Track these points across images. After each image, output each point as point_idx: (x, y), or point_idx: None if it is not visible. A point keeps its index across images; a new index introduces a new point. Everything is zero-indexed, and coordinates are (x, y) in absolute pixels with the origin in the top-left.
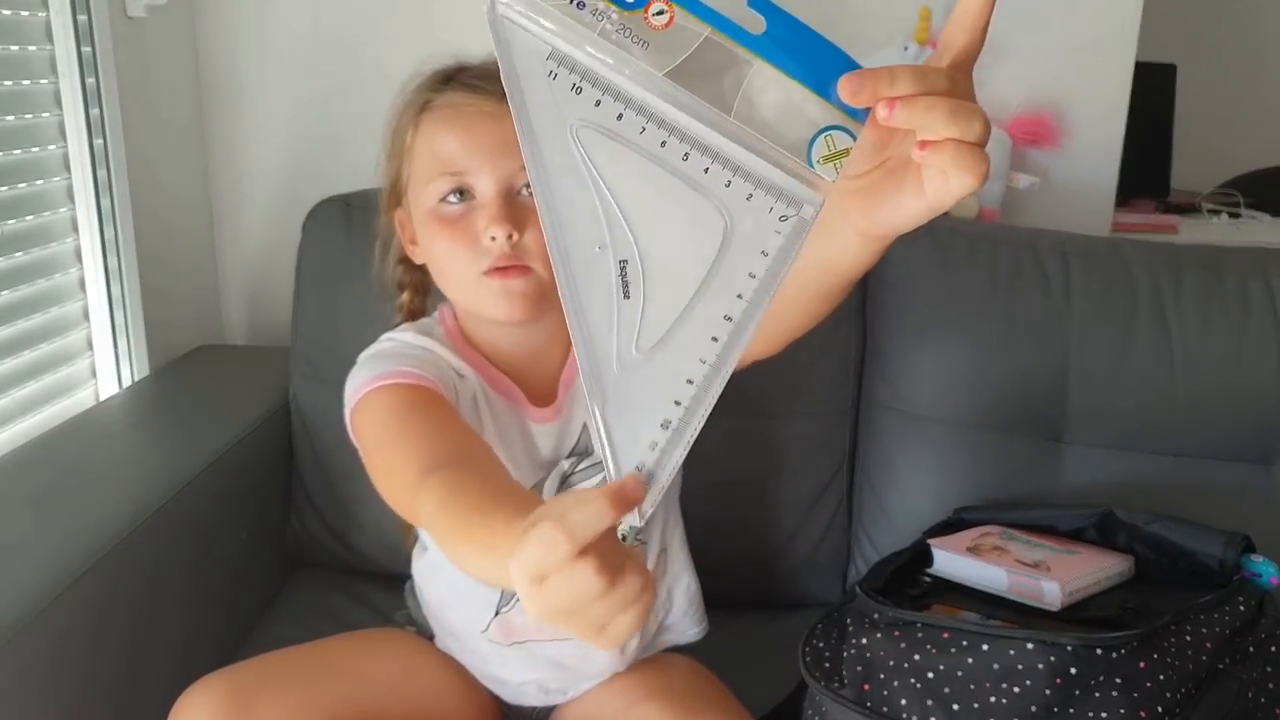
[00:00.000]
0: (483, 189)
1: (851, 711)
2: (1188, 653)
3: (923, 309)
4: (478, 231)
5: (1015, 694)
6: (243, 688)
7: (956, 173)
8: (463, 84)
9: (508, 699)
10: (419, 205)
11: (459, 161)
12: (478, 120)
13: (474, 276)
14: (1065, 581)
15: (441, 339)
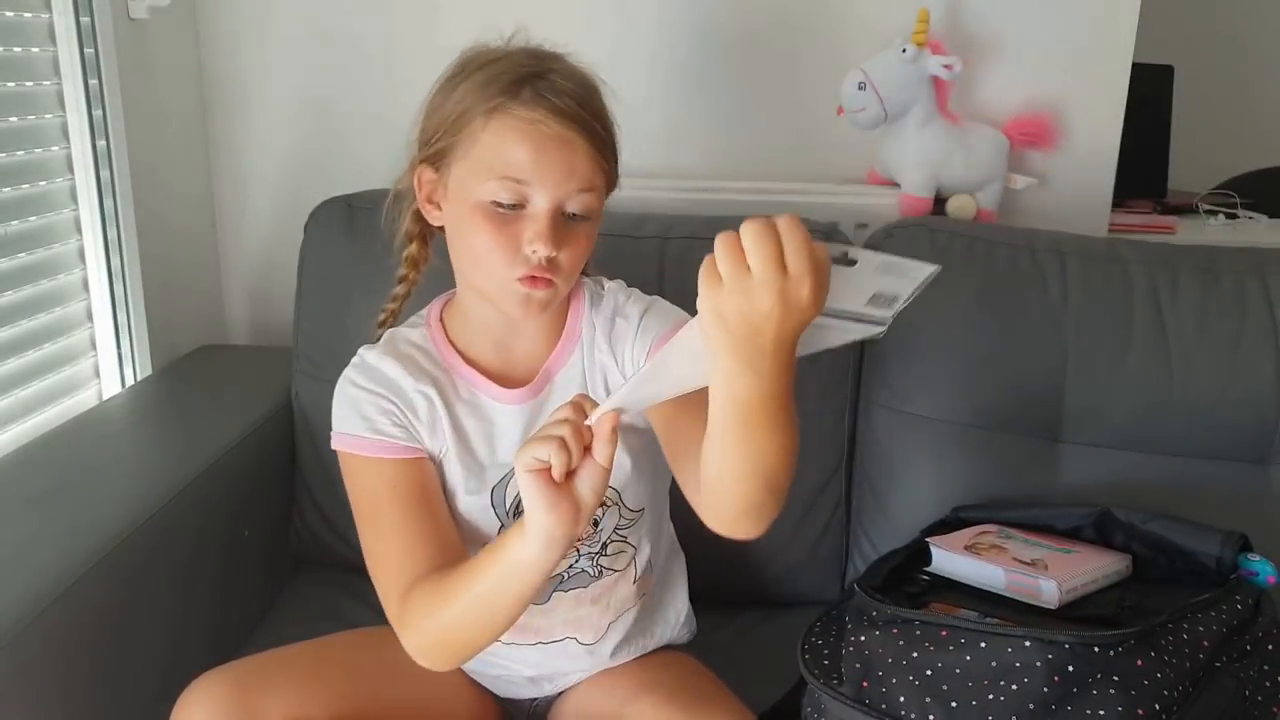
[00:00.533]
0: (537, 203)
1: (850, 709)
2: (1185, 651)
3: (920, 309)
4: (521, 240)
5: (1013, 691)
6: (245, 683)
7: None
8: (541, 95)
9: (498, 692)
10: (467, 190)
11: (524, 173)
12: (552, 142)
13: (505, 276)
14: (1063, 580)
15: (422, 340)
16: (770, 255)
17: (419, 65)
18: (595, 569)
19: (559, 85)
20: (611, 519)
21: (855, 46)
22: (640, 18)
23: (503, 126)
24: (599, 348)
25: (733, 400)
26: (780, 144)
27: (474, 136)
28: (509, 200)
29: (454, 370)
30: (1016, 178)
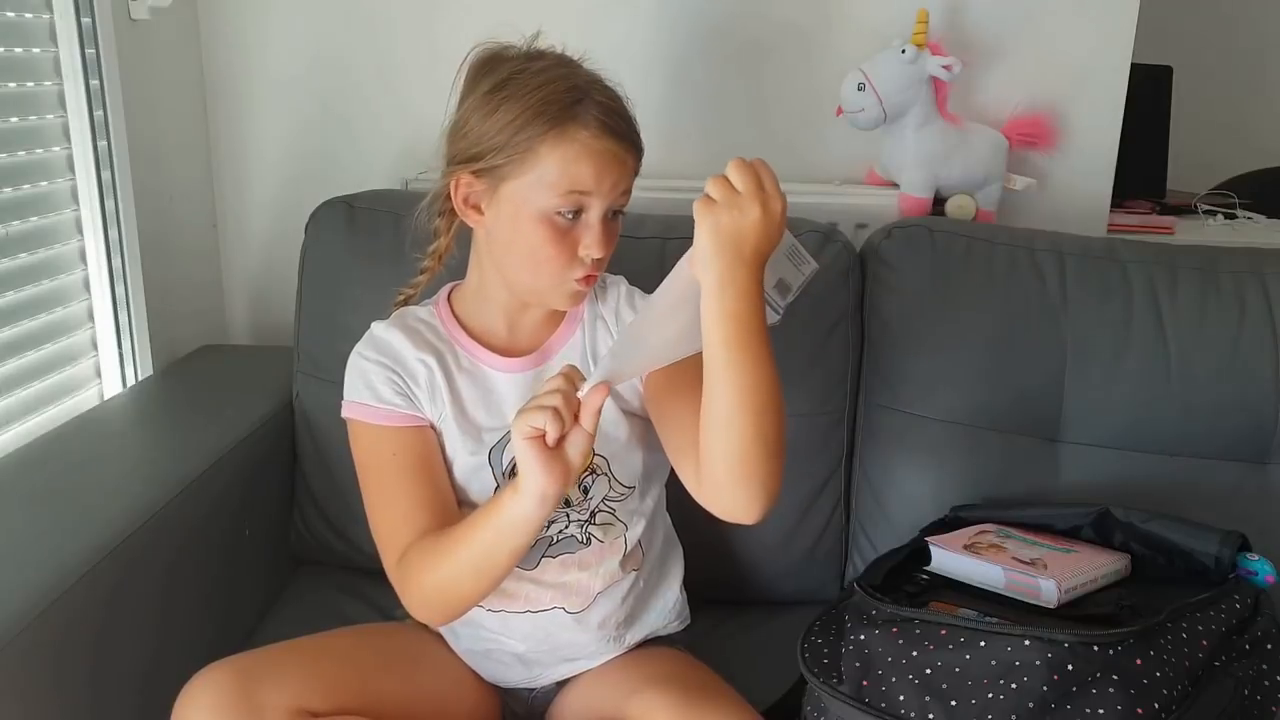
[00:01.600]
0: (592, 213)
1: (850, 707)
2: (1184, 650)
3: (920, 309)
4: (577, 244)
5: (1013, 690)
6: (248, 675)
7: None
8: (597, 118)
9: (491, 677)
10: (525, 201)
11: (587, 187)
12: (611, 159)
13: (564, 278)
14: (1062, 579)
15: (429, 316)
16: (752, 177)
17: (419, 66)
18: (584, 535)
19: (608, 105)
20: (601, 488)
21: (855, 47)
22: (640, 18)
23: (567, 147)
24: (599, 333)
25: (722, 315)
26: (780, 144)
27: (534, 154)
28: (571, 211)
29: (457, 342)
30: (1015, 178)
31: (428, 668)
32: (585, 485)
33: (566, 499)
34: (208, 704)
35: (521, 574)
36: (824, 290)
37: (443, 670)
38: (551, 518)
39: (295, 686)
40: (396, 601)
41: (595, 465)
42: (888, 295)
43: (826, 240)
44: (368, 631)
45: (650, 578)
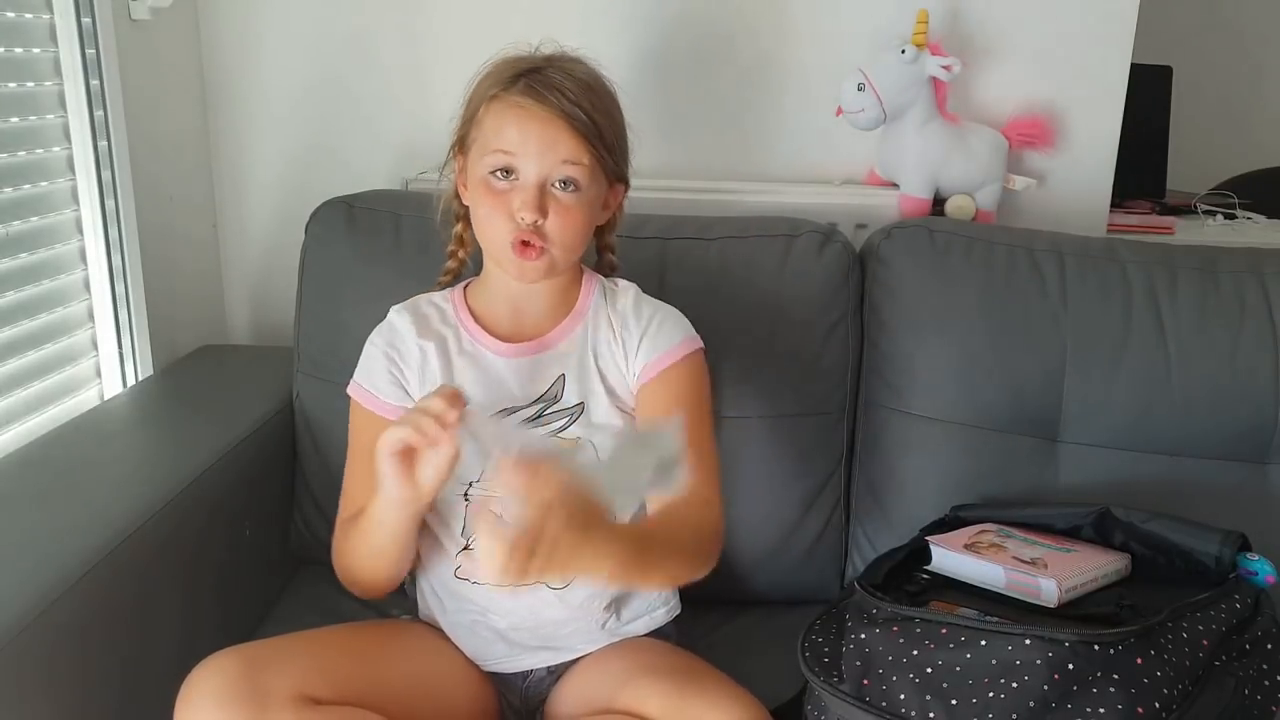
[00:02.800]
0: (525, 175)
1: (850, 706)
2: (1185, 650)
3: (920, 310)
4: (513, 208)
5: (1014, 689)
6: (253, 660)
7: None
8: (530, 87)
9: (476, 655)
10: (476, 168)
11: (512, 146)
12: (534, 121)
13: (503, 242)
14: (1063, 579)
15: (442, 301)
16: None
17: (419, 66)
18: None
19: (551, 79)
20: None
21: (854, 47)
22: (639, 18)
23: (497, 110)
24: (601, 333)
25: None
26: (780, 144)
27: (480, 122)
28: (499, 167)
29: (462, 325)
30: (1015, 178)
31: (428, 661)
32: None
33: None
34: (213, 689)
35: None
36: (824, 290)
37: (442, 663)
38: None
39: (300, 673)
40: (394, 602)
41: (582, 449)
42: (888, 295)
43: (826, 240)
44: (369, 626)
45: None
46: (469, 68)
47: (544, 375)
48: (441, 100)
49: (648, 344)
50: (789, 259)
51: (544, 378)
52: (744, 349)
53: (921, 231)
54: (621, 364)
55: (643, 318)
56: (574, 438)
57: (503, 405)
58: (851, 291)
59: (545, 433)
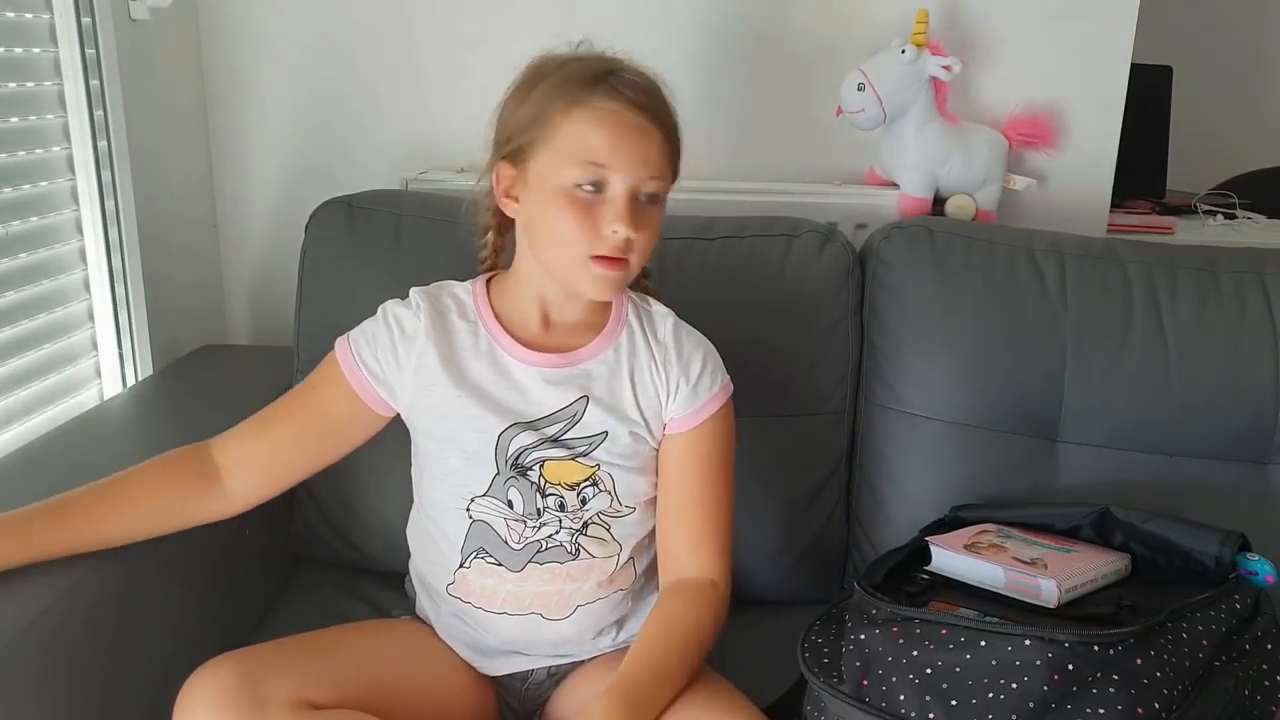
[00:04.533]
0: (615, 187)
1: (850, 707)
2: (1184, 650)
3: (920, 310)
4: (601, 222)
5: (1013, 689)
6: (251, 666)
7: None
8: (617, 90)
9: (471, 646)
10: (549, 178)
11: (604, 158)
12: (628, 129)
13: (582, 257)
14: (1063, 579)
15: (465, 294)
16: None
17: (419, 66)
18: (573, 546)
19: (631, 80)
20: (601, 502)
21: (854, 47)
22: (639, 18)
23: (583, 117)
24: (640, 358)
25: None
26: (780, 144)
27: (555, 129)
28: (589, 180)
29: (483, 323)
30: (1015, 178)
31: (426, 663)
32: (584, 496)
33: (562, 504)
34: (211, 696)
35: (506, 576)
36: (824, 290)
37: (441, 665)
38: (542, 521)
39: (297, 679)
40: (395, 601)
41: (599, 478)
42: (888, 295)
43: (826, 240)
44: (368, 628)
45: (641, 593)
46: (469, 68)
47: (566, 392)
48: (442, 100)
49: (686, 391)
50: (789, 259)
51: (565, 394)
52: (744, 349)
53: (921, 231)
54: (661, 395)
55: (684, 355)
56: (594, 464)
57: (518, 417)
58: (851, 291)
59: (564, 454)
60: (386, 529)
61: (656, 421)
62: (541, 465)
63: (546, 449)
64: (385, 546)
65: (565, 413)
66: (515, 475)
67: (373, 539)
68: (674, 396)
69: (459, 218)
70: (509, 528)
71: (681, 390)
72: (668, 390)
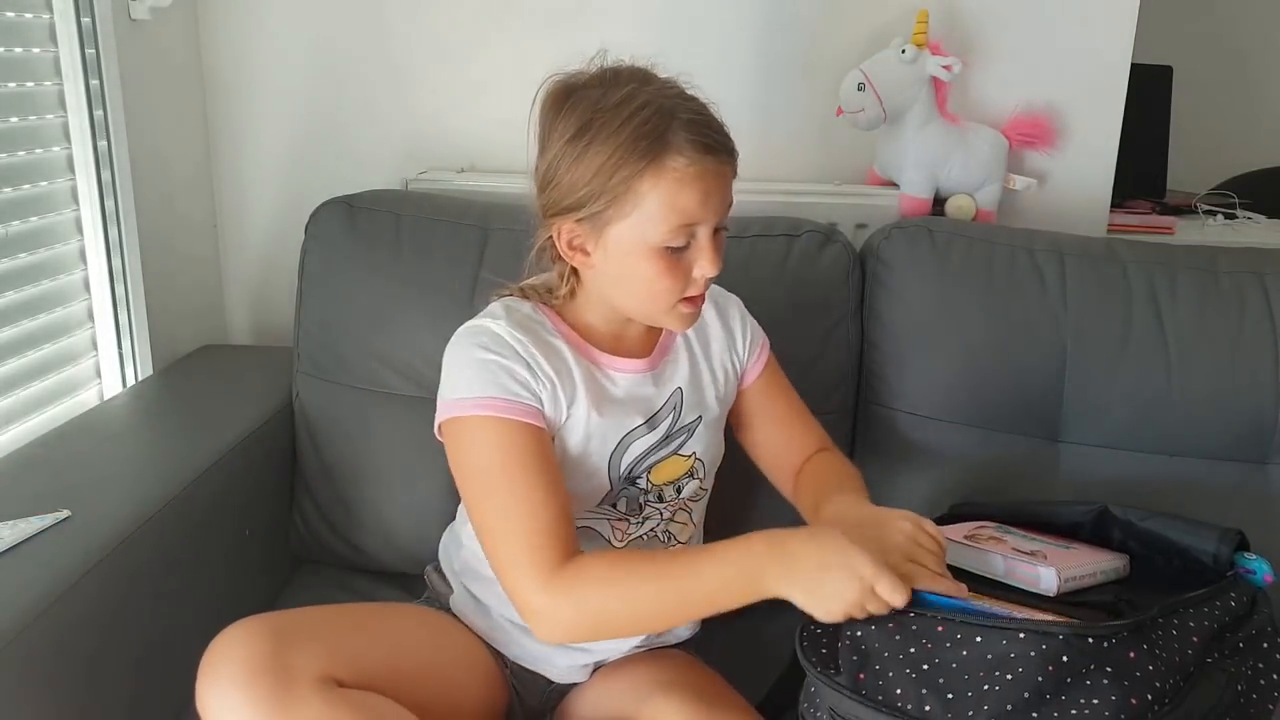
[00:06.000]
0: (702, 235)
1: (845, 698)
2: (1175, 645)
3: (920, 310)
4: (689, 268)
5: (1008, 680)
6: (281, 634)
7: None
8: (698, 143)
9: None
10: (634, 239)
11: (695, 216)
12: (714, 182)
13: (671, 302)
14: (1062, 568)
15: (544, 323)
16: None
17: (419, 66)
18: (665, 535)
19: (696, 121)
20: (692, 488)
21: (854, 47)
22: (638, 19)
23: (670, 181)
24: (707, 334)
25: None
26: (780, 144)
27: (635, 193)
28: (683, 244)
29: (569, 342)
30: (1015, 178)
31: (445, 650)
32: (680, 486)
33: (660, 496)
34: (240, 658)
35: None
36: (824, 290)
37: (459, 654)
38: (645, 515)
39: (325, 654)
40: (395, 600)
41: (694, 469)
42: (888, 295)
43: (826, 240)
44: (391, 609)
45: None
46: (469, 68)
47: (660, 391)
48: (441, 100)
49: (748, 342)
50: (789, 259)
51: (660, 394)
52: None
53: (921, 231)
54: (737, 360)
55: (732, 302)
56: (690, 453)
57: (630, 426)
58: (851, 291)
59: (668, 451)
60: (386, 529)
61: (733, 387)
62: (649, 471)
63: (656, 452)
64: (385, 546)
65: (665, 410)
66: (626, 485)
67: (373, 539)
68: (747, 345)
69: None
70: (613, 528)
71: (752, 343)
72: (745, 350)
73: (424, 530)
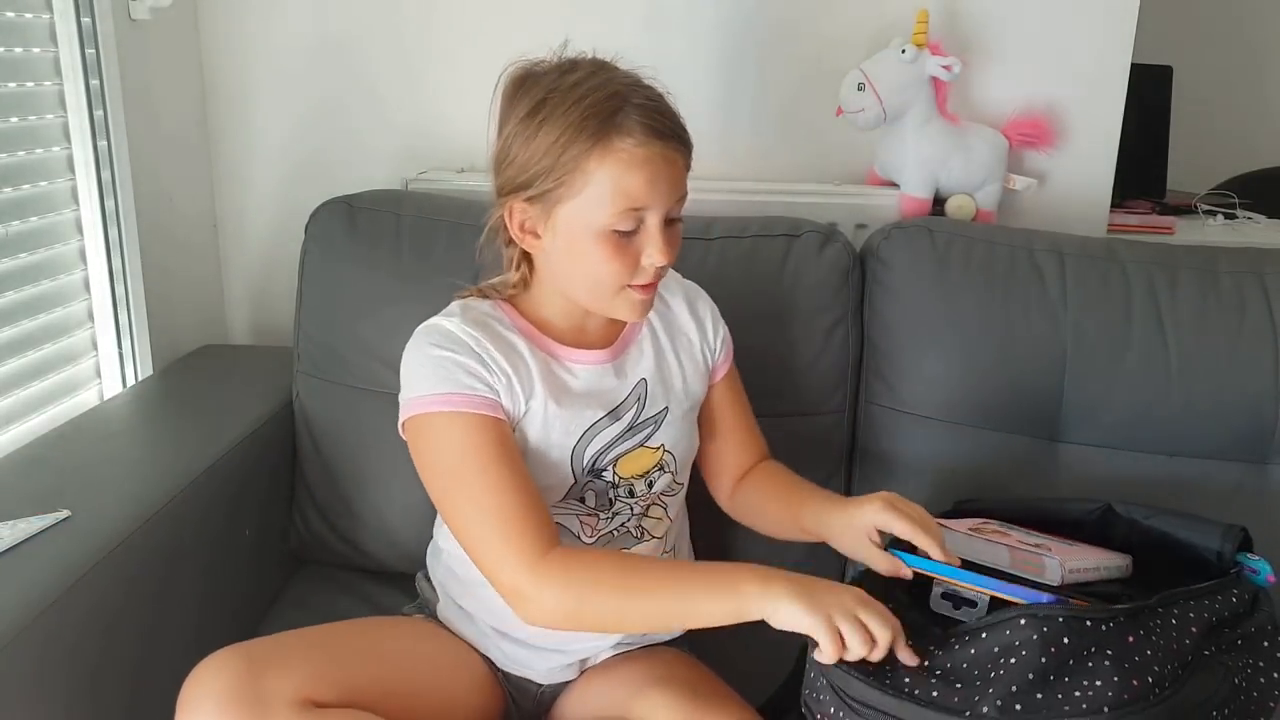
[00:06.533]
0: (651, 221)
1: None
2: (1173, 634)
3: (920, 310)
4: (639, 254)
5: (1012, 664)
6: (256, 661)
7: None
8: (641, 123)
9: (509, 668)
10: (581, 221)
11: (642, 200)
12: (662, 167)
13: (618, 289)
14: (1066, 559)
15: (501, 319)
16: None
17: (419, 66)
18: (638, 529)
19: (648, 106)
20: (664, 482)
21: (854, 47)
22: (639, 19)
23: (615, 161)
24: (674, 326)
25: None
26: (780, 144)
27: (583, 174)
28: (630, 228)
29: (528, 336)
30: (1015, 178)
31: (434, 660)
32: (651, 480)
33: (631, 490)
34: (215, 690)
35: None
36: (824, 290)
37: (447, 664)
38: (615, 510)
39: (302, 677)
40: (397, 601)
41: (664, 462)
42: (888, 295)
43: (826, 240)
44: (373, 624)
45: None
46: (469, 68)
47: (623, 383)
48: (441, 100)
49: (723, 330)
50: (789, 259)
51: (623, 385)
52: (743, 349)
53: (921, 231)
54: (708, 349)
55: (702, 296)
56: (658, 445)
57: (593, 418)
58: (851, 291)
59: (634, 443)
60: (386, 529)
61: (702, 380)
62: (615, 464)
63: (620, 444)
64: (385, 546)
65: (629, 401)
66: (591, 479)
67: (373, 539)
68: (720, 349)
69: (459, 219)
70: (582, 524)
71: (723, 341)
72: (716, 345)
73: (424, 530)
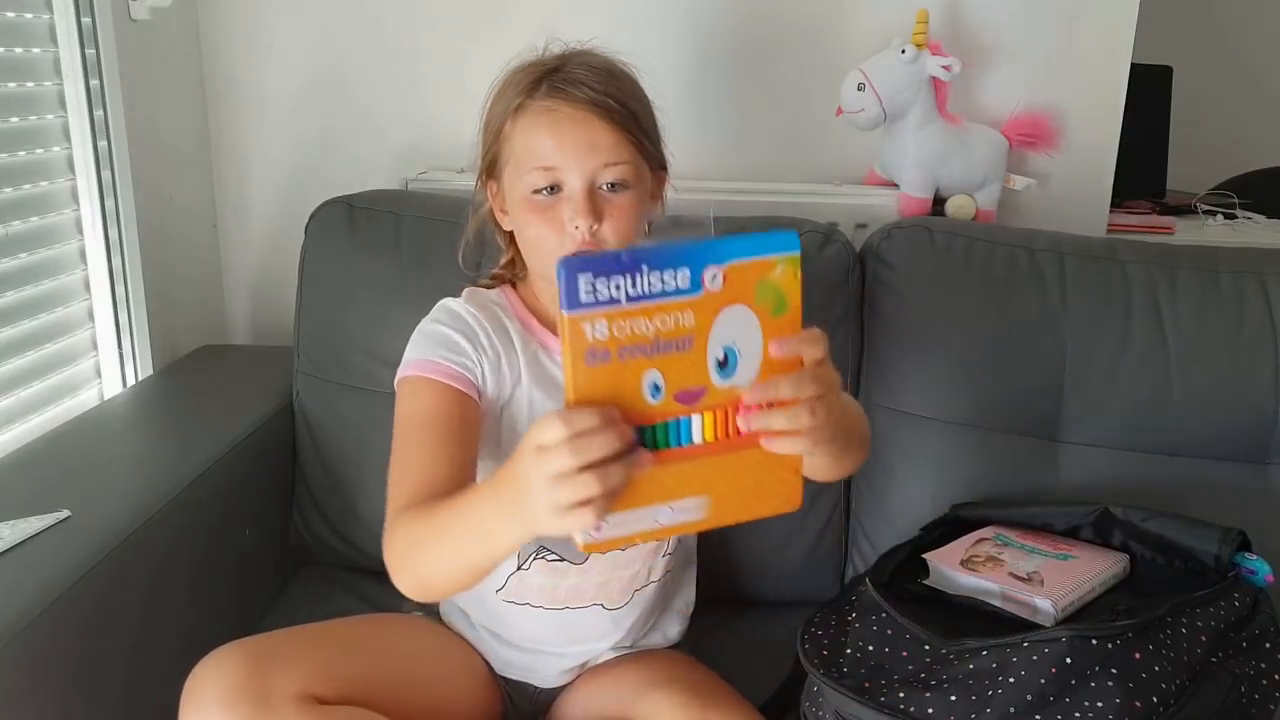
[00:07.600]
0: (571, 184)
1: (849, 700)
2: (1183, 645)
3: (920, 310)
4: (564, 220)
5: (1011, 684)
6: (259, 657)
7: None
8: (554, 87)
9: (508, 673)
10: (514, 189)
11: (551, 159)
12: (567, 124)
13: (551, 253)
14: (1059, 597)
15: (504, 306)
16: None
17: (419, 66)
18: None
19: (574, 75)
20: None
21: (854, 47)
22: (638, 19)
23: (527, 123)
24: None
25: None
26: (780, 144)
27: (508, 140)
28: (544, 185)
29: (525, 322)
30: (1015, 178)
31: (433, 660)
32: None
33: None
34: (219, 685)
35: (569, 570)
36: (824, 290)
37: (447, 663)
38: None
39: (305, 673)
40: (395, 600)
41: None
42: (888, 295)
43: (826, 240)
44: (376, 621)
45: (676, 571)
46: (469, 67)
47: None
48: (441, 100)
49: None
50: None
51: None
52: None
53: (921, 231)
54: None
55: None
56: None
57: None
58: (851, 291)
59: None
60: None
61: None
62: None
63: None
64: None
65: None
66: None
67: (373, 539)
68: None
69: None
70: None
71: None
72: None
73: None
